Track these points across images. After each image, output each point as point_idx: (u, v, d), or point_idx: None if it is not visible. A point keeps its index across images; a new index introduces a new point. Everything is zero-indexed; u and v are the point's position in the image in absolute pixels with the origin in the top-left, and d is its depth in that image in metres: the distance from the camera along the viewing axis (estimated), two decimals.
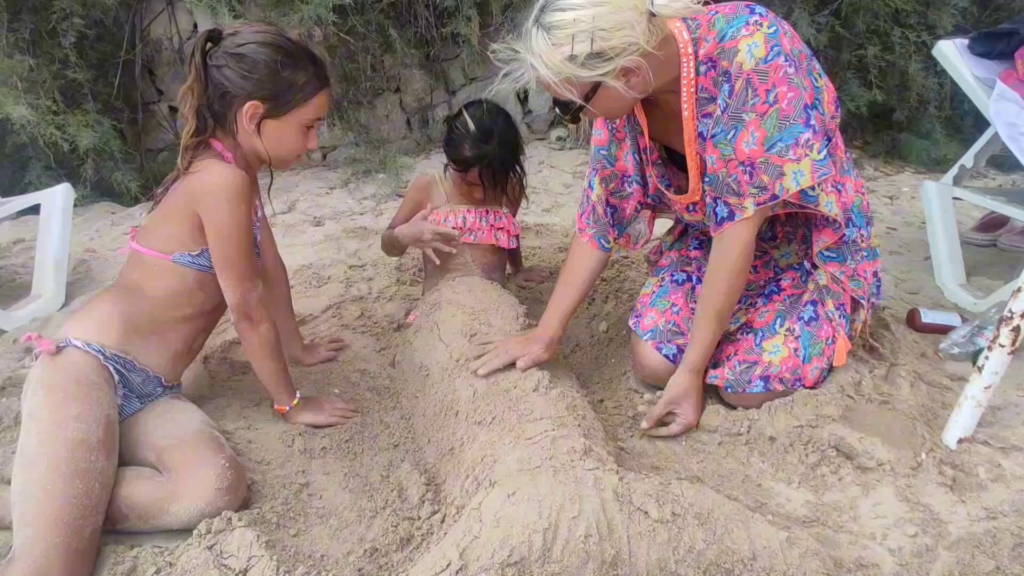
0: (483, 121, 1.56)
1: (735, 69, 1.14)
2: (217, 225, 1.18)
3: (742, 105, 1.15)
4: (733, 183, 1.19)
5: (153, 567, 0.99)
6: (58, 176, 2.82)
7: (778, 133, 1.14)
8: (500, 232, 1.70)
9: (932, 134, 3.31)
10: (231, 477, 1.09)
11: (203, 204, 1.17)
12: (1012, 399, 1.37)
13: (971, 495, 1.12)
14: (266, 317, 1.27)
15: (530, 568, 0.85)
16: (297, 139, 1.24)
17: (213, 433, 1.18)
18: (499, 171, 1.58)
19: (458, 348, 1.35)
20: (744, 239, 1.22)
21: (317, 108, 1.22)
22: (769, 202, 1.18)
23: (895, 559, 1.02)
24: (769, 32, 1.13)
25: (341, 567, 1.03)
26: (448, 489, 1.16)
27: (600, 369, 1.56)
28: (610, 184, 1.41)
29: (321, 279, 2.04)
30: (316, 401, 1.40)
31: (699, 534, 0.91)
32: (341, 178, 3.11)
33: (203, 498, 1.06)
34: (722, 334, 1.34)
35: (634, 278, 1.92)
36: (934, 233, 2.04)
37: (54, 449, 1.03)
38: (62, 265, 2.03)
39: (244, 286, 1.22)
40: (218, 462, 1.10)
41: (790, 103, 1.13)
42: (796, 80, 1.13)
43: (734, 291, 1.27)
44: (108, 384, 1.15)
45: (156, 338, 1.22)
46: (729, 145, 1.18)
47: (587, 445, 1.06)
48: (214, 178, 1.17)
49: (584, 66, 1.09)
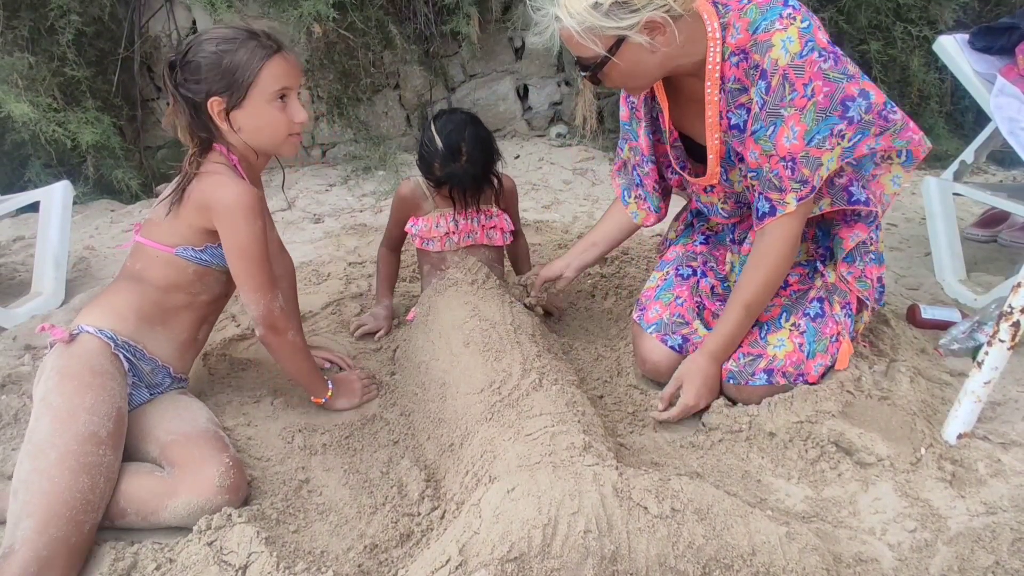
0: (451, 136, 1.48)
1: (770, 65, 1.14)
2: (238, 244, 1.20)
3: (779, 101, 1.15)
4: (775, 178, 1.20)
5: (153, 563, 0.99)
6: (57, 174, 2.82)
7: (816, 126, 1.15)
8: (493, 231, 1.67)
9: (933, 130, 3.30)
10: (233, 476, 1.09)
11: (221, 222, 1.20)
12: (1012, 395, 1.37)
13: (970, 490, 1.12)
14: (291, 323, 1.30)
15: (530, 564, 0.85)
16: (272, 116, 1.20)
17: (218, 432, 1.19)
18: (471, 188, 1.53)
19: (457, 343, 1.35)
20: (784, 235, 1.23)
21: (275, 76, 1.18)
22: (810, 195, 1.19)
23: (894, 554, 1.02)
24: (803, 27, 1.12)
25: (341, 563, 1.03)
26: (448, 485, 1.16)
27: (600, 365, 1.56)
28: (636, 155, 1.48)
29: (321, 276, 2.04)
30: (346, 384, 1.44)
31: (698, 529, 0.91)
32: (341, 175, 3.11)
33: (203, 495, 1.06)
34: (748, 327, 1.34)
35: (634, 274, 1.92)
36: (934, 229, 2.04)
37: (64, 441, 1.03)
38: (61, 263, 2.03)
39: (266, 297, 1.24)
40: (221, 460, 1.10)
41: (827, 96, 1.14)
42: (832, 74, 1.13)
43: (769, 286, 1.28)
44: (120, 373, 1.16)
45: (163, 328, 1.25)
46: (769, 141, 1.18)
47: (587, 441, 1.06)
48: (231, 196, 1.18)
49: (609, 15, 1.09)
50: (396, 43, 3.05)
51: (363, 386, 1.45)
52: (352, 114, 3.20)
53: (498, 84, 3.41)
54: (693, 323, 1.43)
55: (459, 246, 1.64)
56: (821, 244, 1.41)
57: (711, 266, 1.52)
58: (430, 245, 1.64)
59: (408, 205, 1.67)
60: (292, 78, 1.21)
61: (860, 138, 1.20)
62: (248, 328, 1.73)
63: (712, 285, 1.49)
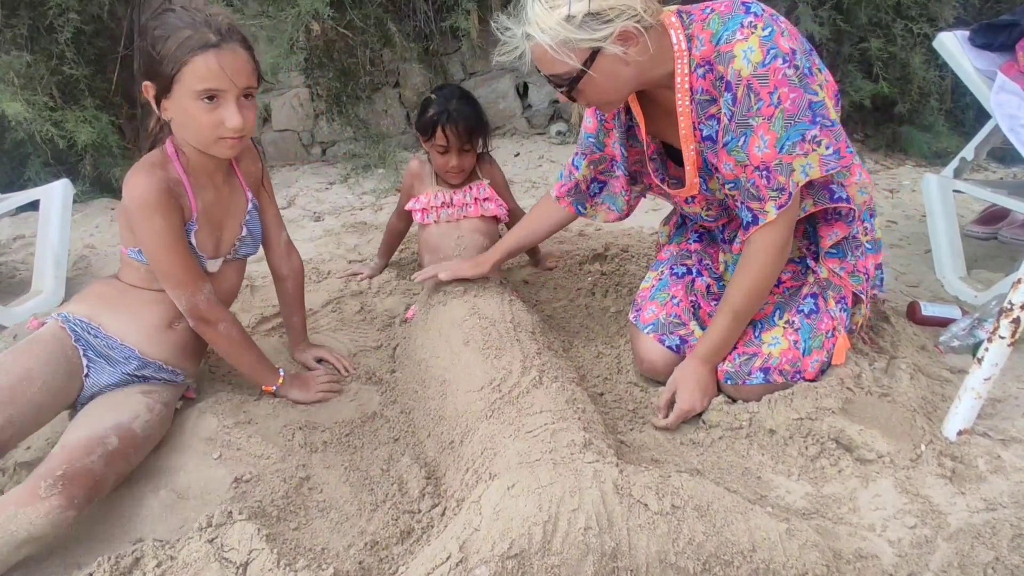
0: (445, 91, 1.68)
1: (733, 76, 1.13)
2: (140, 238, 1.21)
3: (747, 111, 1.14)
4: (752, 188, 1.20)
5: (154, 560, 0.99)
6: (57, 172, 2.82)
7: (786, 133, 1.14)
8: (487, 203, 1.76)
9: (933, 127, 3.30)
10: (61, 486, 0.99)
11: (127, 215, 1.21)
12: (1012, 391, 1.37)
13: (970, 487, 1.12)
14: (222, 314, 1.30)
15: (530, 560, 0.85)
16: (197, 115, 1.13)
17: (98, 439, 1.08)
18: (463, 127, 1.63)
19: (457, 341, 1.35)
20: (769, 243, 1.22)
21: (199, 75, 1.09)
22: (788, 203, 1.18)
23: (894, 550, 1.02)
24: (764, 35, 1.12)
25: (342, 560, 1.03)
26: (448, 482, 1.16)
27: (600, 363, 1.56)
28: (599, 166, 1.47)
29: (321, 274, 2.04)
30: (301, 378, 1.44)
31: (699, 526, 0.91)
32: (340, 173, 3.11)
33: (22, 504, 0.96)
34: (739, 333, 1.33)
35: (634, 272, 1.92)
36: (934, 226, 2.04)
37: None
38: (62, 261, 2.03)
39: (187, 291, 1.24)
40: (52, 471, 1.00)
41: (793, 103, 1.12)
42: (796, 80, 1.12)
43: (756, 293, 1.28)
44: (63, 346, 1.20)
45: (124, 310, 1.27)
46: (742, 151, 1.18)
47: (587, 438, 1.06)
48: (128, 190, 1.18)
49: (582, 27, 1.09)
50: (395, 41, 3.05)
51: (319, 383, 1.43)
52: (351, 112, 3.20)
53: (498, 82, 3.41)
54: (689, 324, 1.43)
55: (452, 219, 1.74)
56: (812, 240, 1.41)
57: (706, 264, 1.52)
58: (428, 218, 1.75)
59: (413, 178, 1.81)
60: (222, 80, 1.10)
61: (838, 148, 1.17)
62: (248, 324, 1.73)
63: (708, 284, 1.49)
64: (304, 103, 3.30)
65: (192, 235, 1.25)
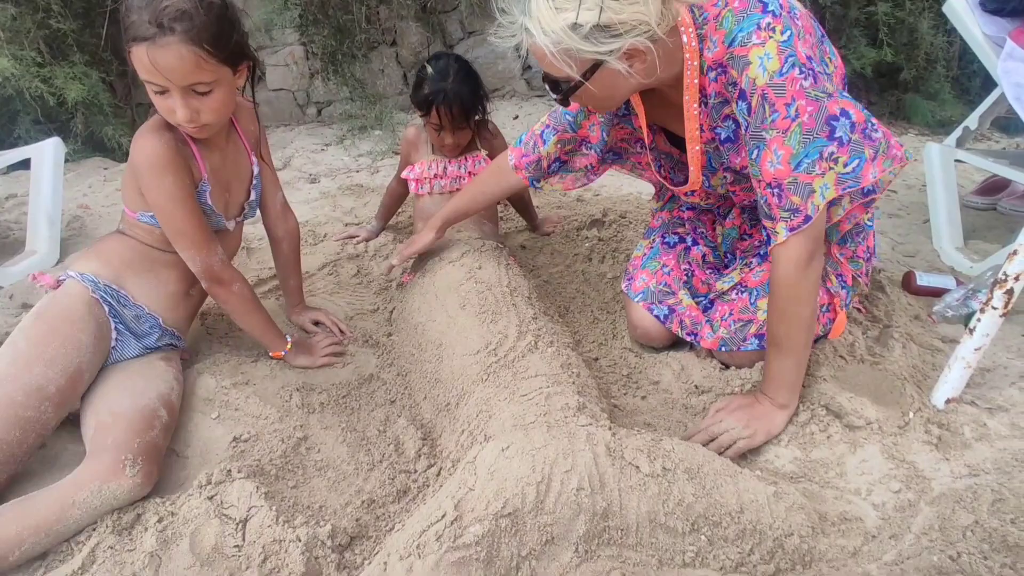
0: (441, 63, 1.62)
1: (748, 85, 1.05)
2: (151, 199, 1.18)
3: (760, 123, 1.06)
4: (765, 205, 1.11)
5: (155, 516, 1.01)
6: (47, 130, 2.77)
7: (803, 149, 1.05)
8: None
9: (939, 95, 3.26)
10: (141, 462, 1.03)
11: (137, 178, 1.18)
12: (1001, 361, 1.39)
13: (955, 453, 1.14)
14: (236, 275, 1.30)
15: (523, 519, 0.88)
16: (153, 99, 1.10)
17: (156, 411, 1.12)
18: (457, 109, 1.59)
19: (453, 305, 1.35)
20: (786, 265, 1.11)
21: (138, 65, 1.04)
22: (803, 225, 1.08)
23: (878, 513, 1.04)
24: (782, 41, 1.02)
25: (339, 517, 1.06)
26: (444, 444, 1.18)
27: (595, 329, 1.57)
28: (566, 146, 1.41)
29: (317, 237, 2.03)
30: (307, 343, 1.44)
31: (688, 488, 0.94)
32: (336, 134, 3.06)
33: (105, 479, 1.00)
34: (795, 365, 1.18)
35: (631, 238, 1.92)
36: (934, 196, 2.03)
37: (10, 390, 1.04)
38: (55, 221, 2.01)
39: (202, 252, 1.22)
40: (131, 445, 1.04)
41: (811, 116, 1.04)
42: (813, 92, 1.03)
43: (790, 319, 1.14)
44: (99, 323, 1.16)
45: (150, 275, 1.25)
46: (756, 165, 1.10)
47: (581, 402, 1.08)
48: (136, 149, 1.16)
49: (588, 39, 1.00)
50: None
51: (322, 348, 1.43)
52: (347, 71, 3.13)
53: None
54: (679, 293, 1.42)
55: (445, 191, 1.72)
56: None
57: (702, 232, 1.50)
58: (423, 188, 1.74)
59: (410, 146, 1.79)
60: (156, 76, 1.04)
61: (859, 164, 1.08)
62: None
63: (704, 253, 1.48)
64: (299, 61, 3.23)
65: (207, 195, 1.25)
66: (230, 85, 1.14)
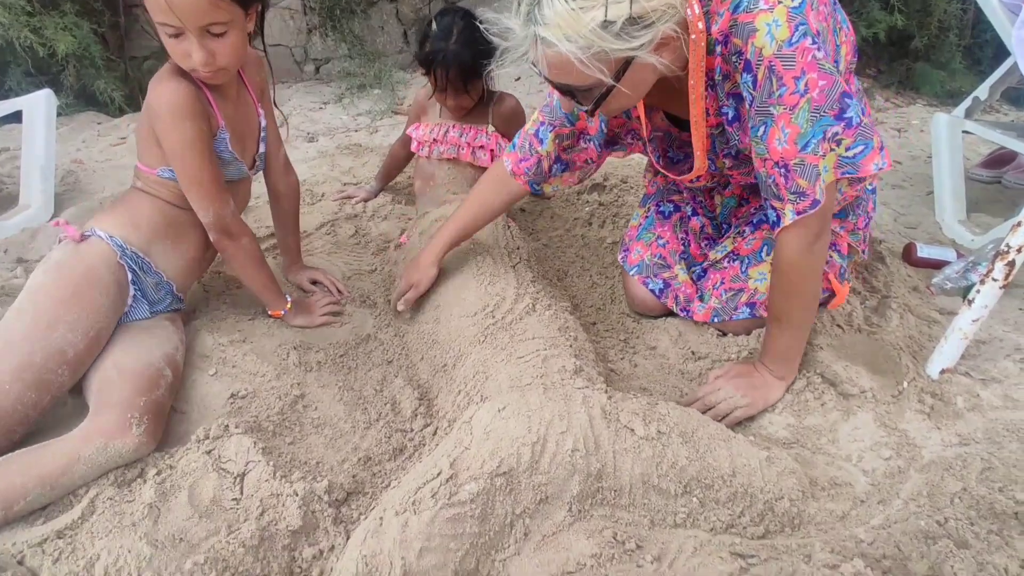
0: (446, 19, 1.54)
1: (753, 55, 0.96)
2: (168, 146, 1.16)
3: (767, 97, 0.98)
4: (773, 186, 1.05)
5: (155, 469, 1.02)
6: (39, 83, 2.71)
7: (811, 128, 0.98)
8: (480, 151, 1.68)
9: (949, 64, 3.19)
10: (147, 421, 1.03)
11: (154, 124, 1.15)
12: (997, 333, 1.40)
13: (947, 422, 1.15)
14: (245, 229, 1.28)
15: (518, 479, 0.88)
16: (166, 44, 1.09)
17: (161, 371, 1.11)
18: (454, 72, 1.52)
19: (450, 266, 1.34)
20: (792, 247, 1.07)
21: (151, 7, 1.03)
22: (810, 209, 1.03)
23: (868, 479, 1.06)
24: (793, 6, 0.94)
25: (336, 473, 1.07)
26: (440, 404, 1.19)
27: (594, 293, 1.57)
28: (564, 141, 1.31)
29: (315, 196, 2.00)
30: (305, 303, 1.44)
31: (682, 451, 0.95)
32: (335, 93, 3.00)
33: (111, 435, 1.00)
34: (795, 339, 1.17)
35: (632, 203, 1.90)
36: (939, 167, 2.01)
37: (32, 351, 1.04)
38: (48, 174, 1.98)
39: (215, 204, 1.21)
40: (136, 403, 1.04)
41: (821, 92, 0.96)
42: (827, 65, 0.95)
43: (793, 297, 1.12)
44: (119, 286, 1.16)
45: (173, 242, 1.24)
46: (762, 143, 1.02)
47: (577, 365, 1.08)
48: (155, 96, 1.13)
49: (620, 35, 0.89)
50: None
51: (321, 307, 1.43)
52: (346, 27, 3.05)
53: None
54: (675, 267, 1.40)
55: (443, 156, 1.69)
56: None
57: (700, 201, 1.46)
58: (423, 151, 1.72)
59: (419, 108, 1.77)
60: (170, 17, 1.03)
61: (863, 151, 1.01)
62: None
63: (702, 224, 1.45)
64: (296, 16, 3.15)
65: (228, 143, 1.23)
66: (243, 28, 1.13)
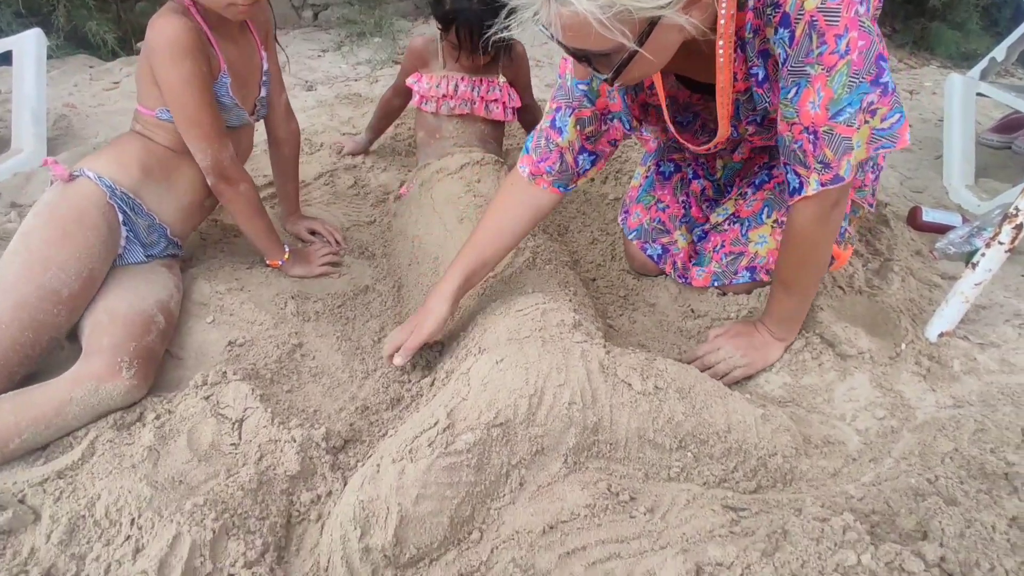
0: None
1: (793, 8, 0.86)
2: (166, 84, 1.13)
3: (805, 56, 0.88)
4: (799, 151, 0.97)
5: (153, 413, 1.02)
6: (29, 24, 2.62)
7: (848, 94, 0.89)
8: (493, 104, 1.61)
9: (966, 24, 3.11)
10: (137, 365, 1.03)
11: (153, 62, 1.12)
12: (998, 299, 1.39)
13: (942, 385, 1.16)
14: (244, 175, 1.26)
15: (515, 430, 0.89)
16: None
17: (153, 316, 1.11)
18: (478, 33, 1.44)
19: (451, 218, 1.33)
20: (807, 218, 1.03)
21: None
22: (832, 184, 0.97)
23: (861, 438, 1.07)
24: None
25: (333, 421, 1.08)
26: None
27: (594, 249, 1.56)
28: (587, 127, 1.14)
29: (313, 146, 1.97)
30: (304, 253, 1.43)
31: (679, 407, 0.95)
32: (334, 40, 2.92)
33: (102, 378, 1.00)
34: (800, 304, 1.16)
35: (635, 159, 1.87)
36: (950, 129, 1.97)
37: (25, 291, 1.03)
38: (40, 117, 1.94)
39: (213, 146, 1.18)
40: (127, 347, 1.04)
41: (860, 54, 0.87)
42: (866, 23, 0.86)
43: (804, 265, 1.09)
44: (110, 227, 1.14)
45: (167, 184, 1.22)
46: (791, 106, 0.93)
47: (576, 319, 1.08)
48: (155, 33, 1.10)
49: None
50: None
51: (320, 257, 1.42)
52: None
53: None
54: (674, 233, 1.37)
55: (454, 112, 1.59)
56: None
57: (702, 162, 1.42)
58: (427, 106, 1.61)
59: (416, 58, 1.64)
60: None
61: (899, 119, 0.92)
62: None
63: (704, 187, 1.41)
64: None
65: (228, 88, 1.20)
66: None
